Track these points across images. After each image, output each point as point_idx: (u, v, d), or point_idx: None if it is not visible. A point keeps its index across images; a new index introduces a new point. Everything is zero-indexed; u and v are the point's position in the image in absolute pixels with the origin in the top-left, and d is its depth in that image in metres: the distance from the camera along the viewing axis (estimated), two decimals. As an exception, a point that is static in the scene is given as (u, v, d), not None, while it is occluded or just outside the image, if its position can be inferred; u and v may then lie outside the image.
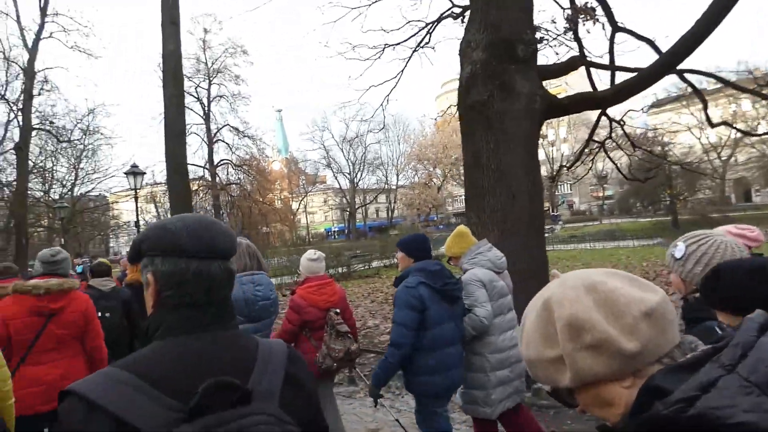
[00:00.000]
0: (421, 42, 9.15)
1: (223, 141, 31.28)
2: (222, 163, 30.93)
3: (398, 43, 10.05)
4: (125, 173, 12.55)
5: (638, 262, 14.23)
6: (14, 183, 23.81)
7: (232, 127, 30.92)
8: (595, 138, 8.20)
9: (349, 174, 51.02)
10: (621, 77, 6.04)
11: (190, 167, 10.51)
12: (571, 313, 0.70)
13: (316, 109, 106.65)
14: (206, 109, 31.21)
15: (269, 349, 0.96)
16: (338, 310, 3.47)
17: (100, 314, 3.49)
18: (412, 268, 2.95)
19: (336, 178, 51.56)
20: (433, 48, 10.78)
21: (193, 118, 47.49)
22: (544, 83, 5.32)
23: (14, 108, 23.71)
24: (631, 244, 20.77)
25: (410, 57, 10.02)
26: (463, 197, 5.47)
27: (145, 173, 13.08)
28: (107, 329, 3.43)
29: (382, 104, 11.29)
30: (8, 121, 25.67)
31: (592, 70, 6.68)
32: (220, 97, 31.01)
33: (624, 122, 7.86)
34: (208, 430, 0.71)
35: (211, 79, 30.67)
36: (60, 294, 2.96)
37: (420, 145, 53.92)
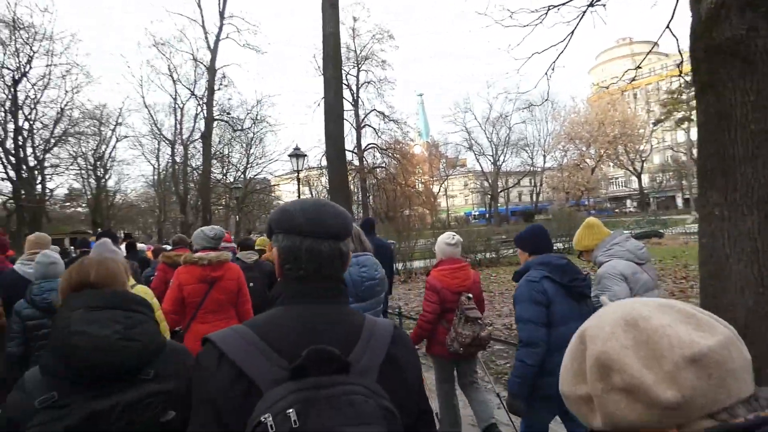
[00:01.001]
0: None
1: (370, 126, 32.36)
2: (369, 147, 32.04)
3: (563, 3, 8.78)
4: (289, 155, 13.36)
5: None
6: (200, 168, 27.75)
7: (378, 111, 31.77)
8: None
9: (492, 156, 49.06)
10: None
11: (328, 159, 10.67)
12: (602, 350, 0.64)
13: (458, 93, 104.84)
14: (355, 95, 32.52)
15: (374, 327, 1.01)
16: (470, 295, 3.44)
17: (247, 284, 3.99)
18: (533, 261, 2.74)
19: (478, 160, 50.06)
20: (604, 5, 9.20)
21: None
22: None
23: (201, 102, 27.50)
24: None
25: (582, 16, 8.66)
26: (622, 179, 4.21)
27: (306, 155, 13.80)
28: (251, 297, 3.75)
29: (546, 73, 10.06)
30: (196, 114, 30.05)
31: None
32: (368, 83, 32.02)
33: None
34: (306, 390, 0.81)
35: (359, 65, 31.80)
36: (218, 265, 3.46)
37: (572, 123, 49.32)
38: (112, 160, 32.00)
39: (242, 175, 30.04)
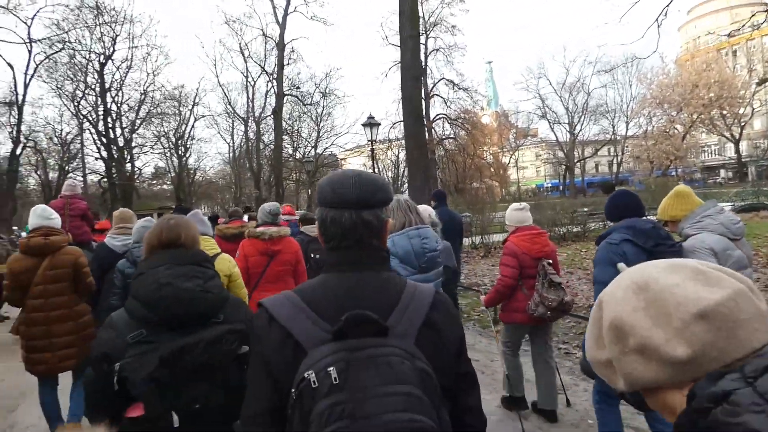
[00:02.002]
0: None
1: (438, 95, 31.12)
2: (438, 117, 30.92)
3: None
4: (363, 125, 12.96)
5: None
6: (272, 143, 28.33)
7: (447, 80, 30.36)
8: None
9: (568, 124, 45.97)
10: None
11: (405, 123, 9.97)
12: (615, 314, 0.67)
13: (528, 59, 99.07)
14: (423, 63, 31.33)
15: (414, 293, 1.05)
16: (551, 261, 3.50)
17: (312, 255, 4.54)
18: (618, 225, 2.74)
19: (552, 129, 47.11)
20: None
21: (409, 75, 49.32)
22: None
23: (271, 78, 27.86)
24: None
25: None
26: (715, 147, 3.34)
27: (380, 124, 13.32)
28: (316, 270, 3.79)
29: (657, 19, 8.82)
30: (267, 91, 30.58)
31: None
32: (436, 50, 30.66)
33: None
34: (346, 350, 0.87)
35: (428, 32, 30.48)
36: (278, 239, 3.75)
37: (660, 86, 44.81)
38: (191, 139, 33.57)
39: (312, 149, 30.35)
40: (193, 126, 33.14)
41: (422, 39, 31.01)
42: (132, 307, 1.52)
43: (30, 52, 23.28)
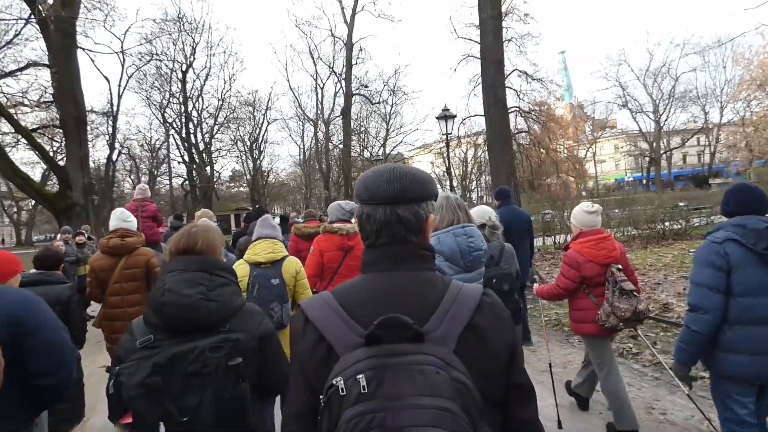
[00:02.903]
0: None
1: (511, 87, 29.65)
2: (511, 110, 29.49)
3: None
4: (437, 117, 12.42)
5: None
6: (341, 144, 28.58)
7: (520, 71, 28.82)
8: None
9: (653, 113, 42.42)
10: None
11: (478, 119, 9.22)
12: None
13: (605, 47, 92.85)
14: (494, 54, 30.24)
15: (458, 294, 0.97)
16: (620, 267, 3.27)
17: None
18: (728, 222, 2.44)
19: (634, 118, 43.71)
20: None
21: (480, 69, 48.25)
22: None
23: (339, 79, 28.11)
24: None
25: None
26: None
27: (455, 116, 12.70)
28: None
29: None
30: (335, 93, 30.96)
31: None
32: (508, 40, 29.22)
33: None
34: (378, 357, 0.82)
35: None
36: (354, 234, 3.75)
37: (761, 65, 40.04)
38: (264, 142, 34.80)
39: (381, 148, 30.22)
40: (266, 130, 34.34)
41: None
42: (146, 312, 1.56)
43: (122, 64, 25.29)
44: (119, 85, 26.10)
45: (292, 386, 1.00)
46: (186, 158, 29.71)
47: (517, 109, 29.88)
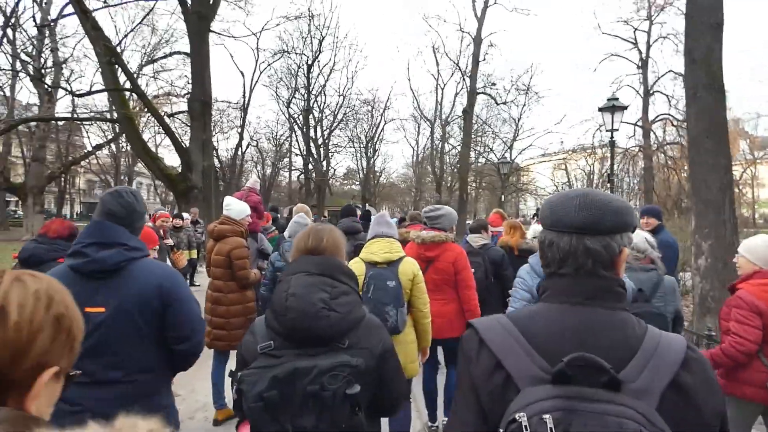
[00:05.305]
0: None
1: (661, 92, 25.88)
2: (660, 118, 25.70)
3: None
4: (599, 109, 10.30)
5: None
6: (458, 146, 27.07)
7: (675, 73, 24.93)
8: None
9: None
10: None
11: (695, 97, 6.88)
12: None
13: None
14: (644, 55, 26.40)
15: (658, 344, 0.86)
16: None
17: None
18: None
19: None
20: None
21: (625, 69, 43.61)
22: None
23: (464, 75, 26.66)
24: None
25: None
26: None
27: (626, 107, 10.45)
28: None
29: None
30: (456, 93, 29.56)
31: None
32: (663, 38, 25.47)
33: None
34: (568, 398, 0.75)
35: (652, 18, 25.63)
36: (434, 245, 3.54)
37: None
38: (380, 141, 34.58)
39: (508, 150, 28.11)
40: (382, 129, 34.08)
41: (645, 26, 26.32)
42: (268, 315, 1.52)
43: (257, 61, 26.59)
44: (251, 80, 27.58)
45: (462, 406, 0.94)
46: (304, 152, 30.44)
47: (668, 116, 26.06)
